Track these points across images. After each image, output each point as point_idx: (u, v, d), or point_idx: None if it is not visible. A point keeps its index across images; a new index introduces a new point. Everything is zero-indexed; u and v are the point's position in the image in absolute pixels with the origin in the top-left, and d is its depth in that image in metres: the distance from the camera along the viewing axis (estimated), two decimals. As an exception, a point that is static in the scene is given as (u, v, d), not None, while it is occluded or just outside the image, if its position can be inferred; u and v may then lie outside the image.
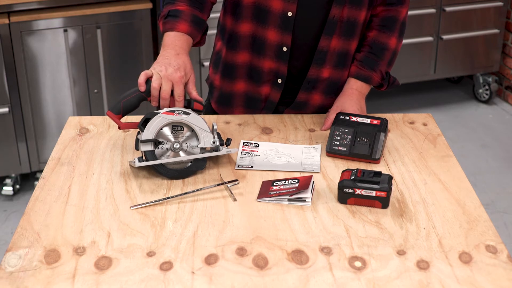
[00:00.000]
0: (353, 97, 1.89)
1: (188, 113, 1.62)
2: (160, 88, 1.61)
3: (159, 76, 1.62)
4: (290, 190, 1.53)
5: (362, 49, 1.92)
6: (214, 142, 1.63)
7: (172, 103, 1.63)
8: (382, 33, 1.90)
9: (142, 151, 1.60)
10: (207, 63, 3.60)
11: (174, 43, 1.72)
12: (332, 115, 1.86)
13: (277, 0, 1.80)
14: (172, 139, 1.63)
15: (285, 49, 1.85)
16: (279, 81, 1.90)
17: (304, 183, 1.55)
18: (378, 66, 1.90)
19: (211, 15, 1.91)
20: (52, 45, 3.18)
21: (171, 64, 1.65)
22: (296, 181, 1.57)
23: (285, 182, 1.57)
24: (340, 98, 1.91)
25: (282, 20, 1.82)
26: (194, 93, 1.68)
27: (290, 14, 1.80)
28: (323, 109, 1.96)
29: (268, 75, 1.90)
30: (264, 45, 1.86)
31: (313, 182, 1.57)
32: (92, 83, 3.31)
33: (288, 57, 1.86)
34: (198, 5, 1.81)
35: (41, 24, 3.13)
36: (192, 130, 1.63)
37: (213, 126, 1.63)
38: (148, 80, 1.64)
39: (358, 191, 1.51)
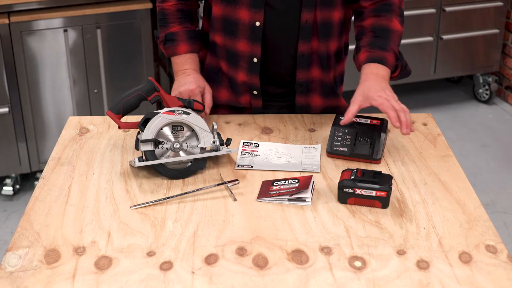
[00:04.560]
0: (369, 80, 1.70)
1: (188, 113, 1.62)
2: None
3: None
4: (290, 190, 1.53)
5: (364, 36, 1.78)
6: (214, 142, 1.63)
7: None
8: (380, 17, 1.78)
9: (142, 151, 1.60)
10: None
11: (183, 67, 1.87)
12: (353, 106, 1.66)
13: (244, 10, 1.76)
14: (172, 139, 1.63)
15: (255, 60, 1.81)
16: (255, 92, 1.87)
17: (304, 183, 1.54)
18: (389, 45, 1.74)
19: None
20: (52, 45, 3.18)
21: (185, 84, 1.82)
22: (296, 181, 1.57)
23: (285, 182, 1.57)
24: (358, 88, 1.70)
25: (251, 31, 1.78)
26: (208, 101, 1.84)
27: (258, 24, 1.77)
28: (330, 110, 1.95)
29: (244, 86, 1.87)
30: (236, 56, 1.83)
31: (313, 182, 1.57)
32: (92, 83, 3.31)
33: (259, 68, 1.83)
34: (188, 18, 1.87)
35: (41, 24, 3.13)
36: (192, 130, 1.63)
37: (213, 126, 1.63)
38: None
39: (358, 191, 1.51)
